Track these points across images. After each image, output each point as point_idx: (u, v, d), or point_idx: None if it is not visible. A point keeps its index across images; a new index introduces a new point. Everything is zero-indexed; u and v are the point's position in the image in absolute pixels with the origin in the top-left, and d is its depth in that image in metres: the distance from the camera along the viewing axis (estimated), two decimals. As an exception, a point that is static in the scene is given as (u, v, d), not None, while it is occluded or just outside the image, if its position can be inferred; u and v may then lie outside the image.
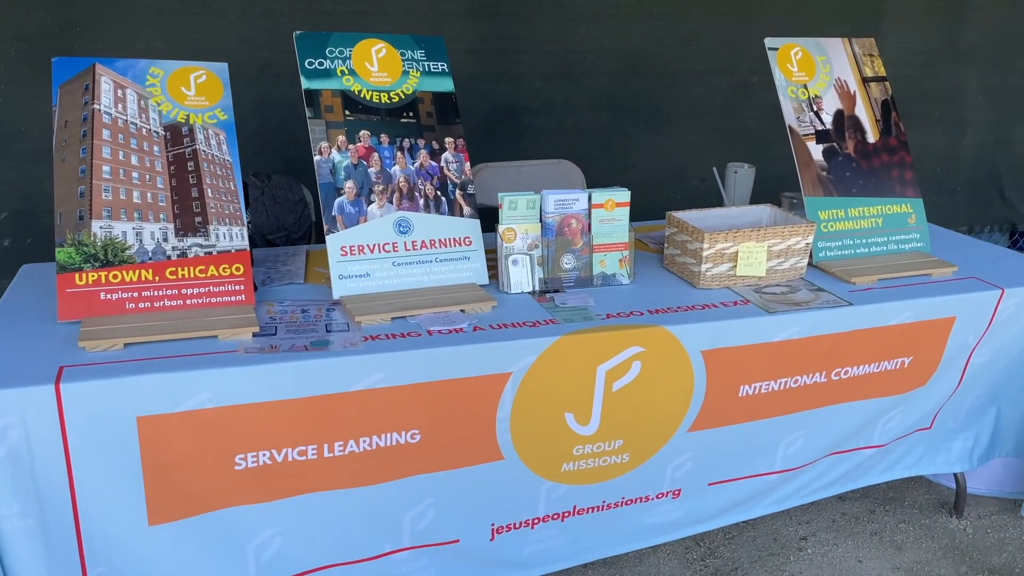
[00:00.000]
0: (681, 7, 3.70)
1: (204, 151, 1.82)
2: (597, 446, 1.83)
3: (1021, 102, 4.50)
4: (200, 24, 3.06)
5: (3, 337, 1.59)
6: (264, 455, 1.56)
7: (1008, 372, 2.17)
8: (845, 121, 2.23)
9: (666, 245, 2.11)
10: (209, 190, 1.79)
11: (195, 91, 1.87)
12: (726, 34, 3.79)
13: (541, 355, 1.69)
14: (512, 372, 1.68)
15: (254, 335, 1.63)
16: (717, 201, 2.70)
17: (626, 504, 1.97)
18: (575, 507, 1.91)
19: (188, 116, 1.84)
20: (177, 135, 1.82)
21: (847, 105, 2.24)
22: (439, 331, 1.69)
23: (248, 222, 2.03)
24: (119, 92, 1.81)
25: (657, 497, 1.99)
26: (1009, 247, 4.86)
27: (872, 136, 2.24)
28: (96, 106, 1.78)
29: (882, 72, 2.31)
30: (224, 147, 1.84)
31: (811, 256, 2.11)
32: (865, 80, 2.28)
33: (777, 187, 2.60)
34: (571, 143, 3.73)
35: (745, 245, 1.97)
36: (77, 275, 1.65)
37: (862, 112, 2.25)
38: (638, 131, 3.83)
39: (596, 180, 3.82)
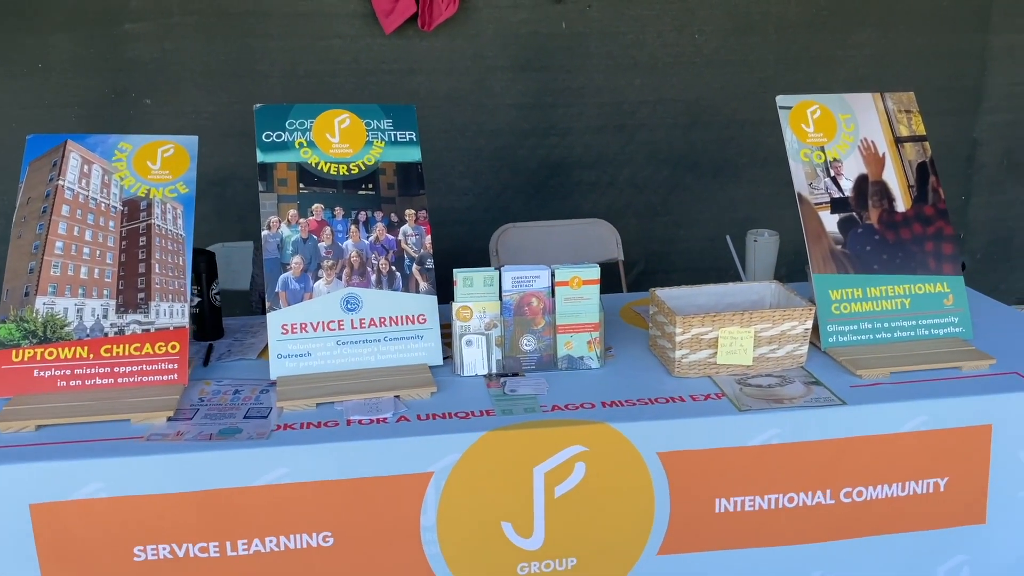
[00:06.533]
0: (749, 54, 3.48)
1: (159, 226, 1.82)
2: (546, 564, 1.63)
3: None
4: (245, 86, 3.15)
5: (-62, 412, 1.62)
6: (164, 548, 1.50)
7: None
8: (869, 187, 1.96)
9: (650, 325, 1.92)
10: (157, 265, 1.78)
11: (160, 165, 1.87)
12: (801, 81, 3.52)
13: (466, 453, 1.55)
14: (434, 472, 1.54)
15: (168, 419, 1.58)
16: (791, 266, 2.41)
17: None
18: None
19: (149, 190, 1.84)
20: (135, 210, 1.83)
21: (873, 169, 1.98)
22: (359, 421, 1.59)
23: (212, 293, 2.01)
24: (85, 168, 1.84)
25: None
26: None
27: (903, 204, 1.96)
28: (60, 182, 1.81)
29: (921, 131, 2.03)
30: (179, 221, 1.84)
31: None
32: (898, 140, 2.01)
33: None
34: (628, 198, 3.57)
35: (727, 330, 1.75)
36: (14, 352, 1.67)
37: (892, 177, 1.98)
38: (702, 184, 3.61)
39: (656, 236, 3.64)
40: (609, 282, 3.01)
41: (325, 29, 3.14)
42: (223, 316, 2.07)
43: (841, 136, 1.99)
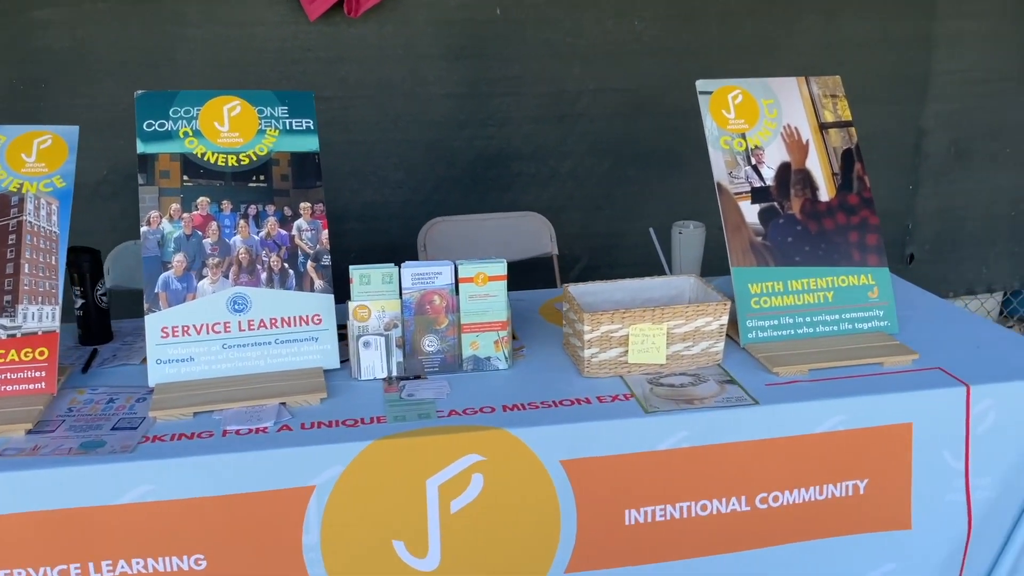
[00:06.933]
0: (691, 41, 3.38)
1: (31, 223, 1.69)
2: None
3: (1115, 134, 3.88)
4: (164, 76, 3.00)
5: None
6: (19, 573, 1.38)
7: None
8: (792, 176, 1.88)
9: (564, 323, 1.82)
10: (26, 265, 1.65)
11: (36, 157, 1.74)
12: (745, 69, 3.42)
13: (350, 464, 1.44)
14: (315, 485, 1.43)
15: (28, 432, 1.46)
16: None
17: None
18: None
19: (22, 185, 1.71)
20: (5, 206, 1.69)
21: (796, 157, 1.89)
22: (236, 431, 1.47)
23: (98, 294, 1.89)
24: (-48, 161, 1.70)
25: None
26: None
27: (826, 193, 1.88)
28: (-77, 176, 1.68)
29: (846, 116, 1.94)
30: (54, 218, 1.71)
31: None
32: (823, 126, 1.92)
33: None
34: (569, 191, 3.46)
35: (638, 327, 1.65)
36: None
37: (815, 165, 1.89)
38: (647, 176, 3.52)
39: (599, 230, 3.54)
40: (545, 277, 2.93)
41: (247, 16, 3.00)
42: (130, 318, 1.94)
43: (763, 122, 1.90)
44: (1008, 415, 1.61)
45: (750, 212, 1.83)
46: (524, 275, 2.75)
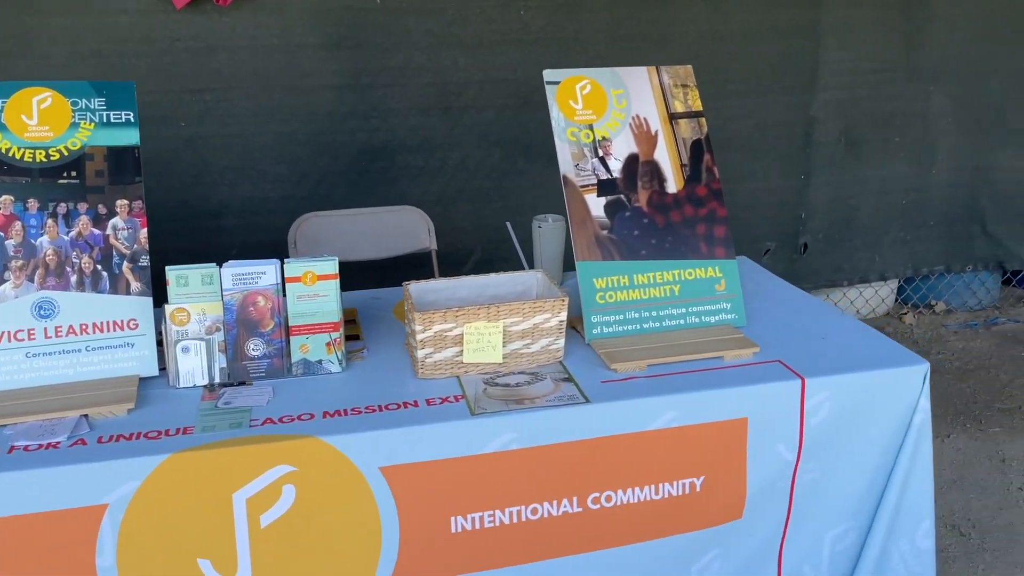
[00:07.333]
0: (579, 31, 3.34)
1: None
2: None
3: (1000, 123, 3.96)
4: (22, 69, 2.85)
5: None
6: None
7: (847, 496, 1.67)
8: (639, 168, 1.83)
9: (405, 322, 1.75)
10: None
11: None
12: (634, 59, 3.39)
13: (147, 479, 1.35)
14: (108, 503, 1.34)
15: None
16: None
17: None
18: None
19: None
20: None
21: (644, 148, 1.85)
22: (24, 447, 1.37)
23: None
24: None
25: None
26: (1002, 287, 4.30)
27: (674, 185, 1.84)
28: None
29: (697, 106, 1.91)
30: None
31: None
32: (673, 116, 1.88)
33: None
34: (459, 183, 3.39)
35: (472, 326, 1.59)
36: None
37: (664, 156, 1.85)
38: (537, 168, 3.46)
39: (490, 223, 3.47)
40: (427, 274, 2.85)
41: (108, 3, 2.86)
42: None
43: (612, 113, 1.86)
44: (842, 407, 1.59)
45: (596, 205, 1.79)
46: (404, 272, 2.67)
